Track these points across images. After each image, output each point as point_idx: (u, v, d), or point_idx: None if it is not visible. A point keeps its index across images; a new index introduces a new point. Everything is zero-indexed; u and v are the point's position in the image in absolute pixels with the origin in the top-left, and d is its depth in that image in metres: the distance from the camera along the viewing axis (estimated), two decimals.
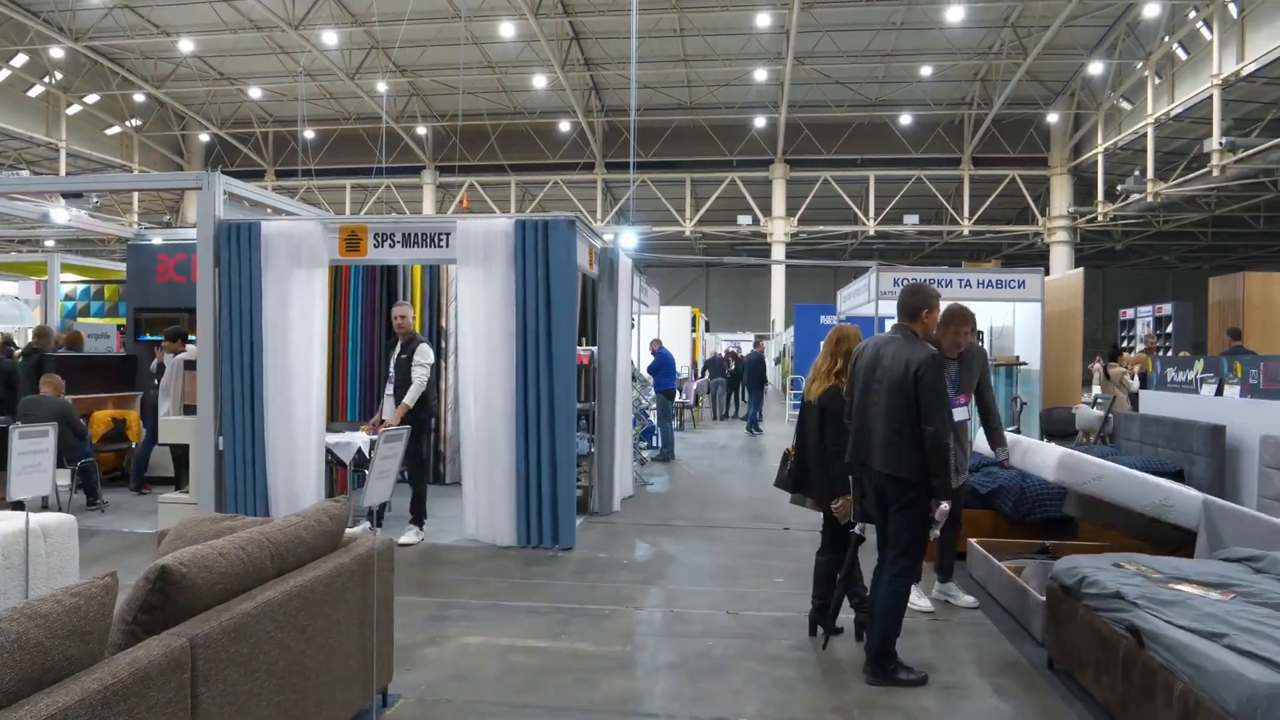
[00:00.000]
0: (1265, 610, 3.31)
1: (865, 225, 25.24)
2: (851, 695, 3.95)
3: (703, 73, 22.05)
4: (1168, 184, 19.32)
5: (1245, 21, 15.88)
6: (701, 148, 25.54)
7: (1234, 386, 6.64)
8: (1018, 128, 24.26)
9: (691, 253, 31.26)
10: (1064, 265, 23.61)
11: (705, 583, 5.89)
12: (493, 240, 6.88)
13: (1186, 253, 31.40)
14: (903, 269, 10.38)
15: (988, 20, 19.25)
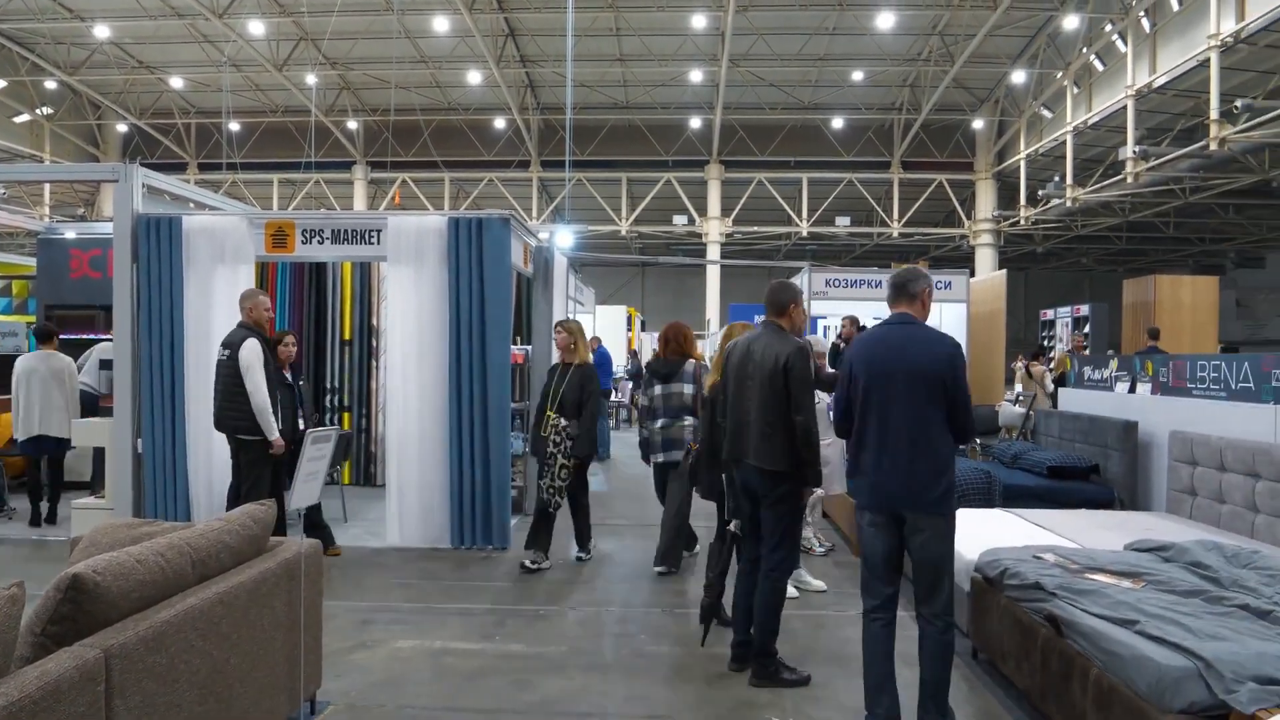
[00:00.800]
0: (1173, 597, 3.47)
1: (799, 226, 25.62)
2: (781, 691, 4.00)
3: (639, 73, 22.09)
4: (1085, 190, 20.09)
5: (1156, 36, 16.61)
6: (638, 147, 25.59)
7: (1146, 384, 6.94)
8: (945, 133, 24.91)
9: (627, 252, 31.28)
10: (988, 267, 24.34)
11: (642, 581, 5.91)
12: (425, 237, 6.78)
13: (1103, 256, 32.65)
14: (834, 269, 10.58)
15: (916, 28, 19.72)
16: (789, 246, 29.83)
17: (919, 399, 3.37)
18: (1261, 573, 3.78)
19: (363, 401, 9.46)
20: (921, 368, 3.38)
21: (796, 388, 3.96)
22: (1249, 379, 5.62)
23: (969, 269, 15.53)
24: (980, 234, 25.32)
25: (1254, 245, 30.12)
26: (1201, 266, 30.25)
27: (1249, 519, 5.21)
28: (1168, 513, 6.06)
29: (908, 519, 3.39)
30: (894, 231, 25.60)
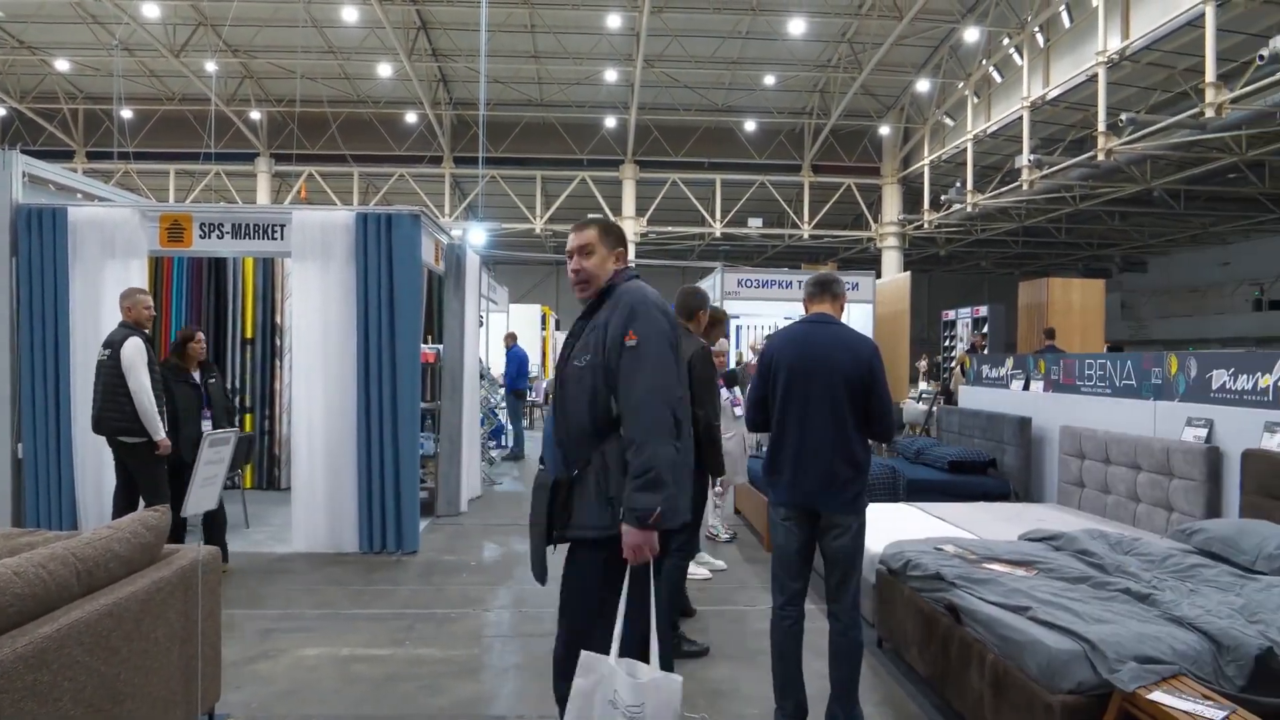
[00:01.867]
0: (1062, 584, 3.65)
1: (712, 227, 25.92)
2: (691, 687, 4.04)
3: (554, 70, 21.96)
4: (985, 195, 20.95)
5: (1050, 51, 17.45)
6: (552, 145, 25.44)
7: (1039, 382, 7.28)
8: (853, 138, 25.59)
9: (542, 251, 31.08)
10: (894, 269, 25.11)
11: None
12: (332, 233, 6.59)
13: (1000, 259, 34.09)
14: (747, 270, 10.75)
15: (826, 35, 20.19)
16: (702, 247, 30.16)
17: (840, 399, 3.40)
18: (1142, 559, 4.01)
19: (266, 402, 9.14)
20: (843, 368, 3.41)
21: (698, 385, 4.15)
22: (1131, 377, 5.95)
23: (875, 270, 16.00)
24: (886, 237, 26.10)
25: (1137, 251, 31.99)
26: (1090, 270, 31.91)
27: (1131, 508, 5.53)
28: (1059, 504, 6.37)
29: (823, 516, 3.43)
30: (804, 233, 26.16)
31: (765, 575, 5.04)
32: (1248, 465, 4.57)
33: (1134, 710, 2.72)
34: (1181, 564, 3.88)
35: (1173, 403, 5.47)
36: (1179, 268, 32.87)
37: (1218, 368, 5.14)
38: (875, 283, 10.60)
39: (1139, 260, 33.56)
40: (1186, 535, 4.27)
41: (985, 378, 8.39)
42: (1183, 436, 5.21)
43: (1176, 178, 19.49)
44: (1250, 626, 3.06)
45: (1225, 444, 4.91)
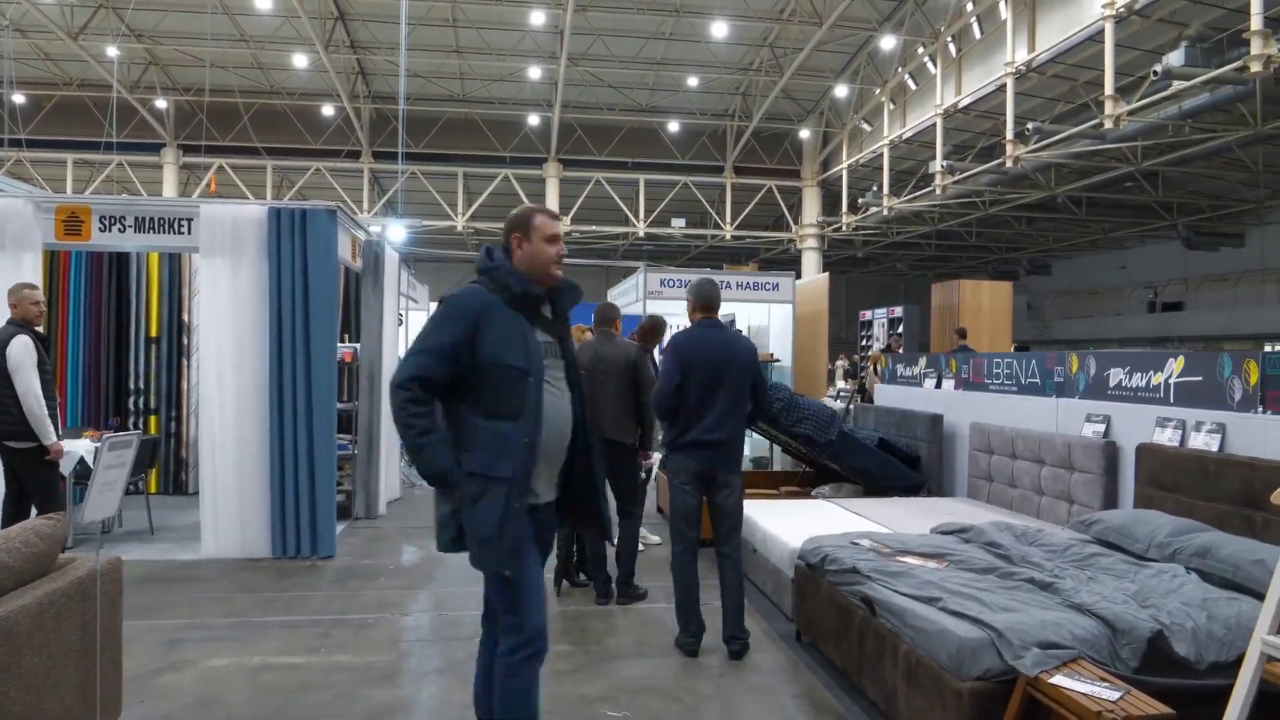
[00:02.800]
0: (971, 575, 3.78)
1: (636, 227, 26.01)
2: (617, 680, 4.05)
3: (476, 66, 21.67)
4: (900, 199, 21.56)
5: (962, 61, 18.07)
6: (475, 142, 25.11)
7: (950, 380, 7.53)
8: (775, 141, 26.01)
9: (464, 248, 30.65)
10: (813, 270, 25.62)
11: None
12: (243, 228, 6.37)
13: (915, 261, 35.12)
14: (670, 269, 10.82)
15: (748, 39, 20.47)
16: (626, 246, 30.22)
17: (742, 386, 4.43)
18: (1045, 549, 4.19)
19: (172, 403, 8.77)
20: (741, 362, 4.44)
21: (642, 379, 5.39)
22: (1036, 375, 6.21)
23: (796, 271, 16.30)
24: (806, 238, 26.61)
25: (1042, 254, 33.37)
26: (999, 273, 33.12)
27: (1035, 501, 5.76)
28: (968, 498, 6.60)
29: (719, 478, 4.41)
30: (727, 234, 26.47)
31: None
32: (1141, 458, 4.82)
33: (1037, 694, 2.84)
34: (1081, 553, 4.06)
35: (1073, 400, 5.72)
36: (1080, 271, 34.45)
37: (1114, 366, 5.40)
38: (795, 283, 10.79)
39: (1044, 263, 35.02)
40: (1086, 526, 4.47)
41: (900, 376, 8.64)
42: (1082, 432, 5.46)
43: (1078, 185, 20.42)
44: (1143, 611, 3.22)
45: (1121, 439, 5.16)
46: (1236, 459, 4.20)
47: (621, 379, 5.37)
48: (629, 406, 5.39)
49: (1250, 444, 4.25)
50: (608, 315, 5.75)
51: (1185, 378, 4.80)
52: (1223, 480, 4.20)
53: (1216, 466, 4.26)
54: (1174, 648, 3.04)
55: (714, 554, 4.48)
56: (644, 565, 5.90)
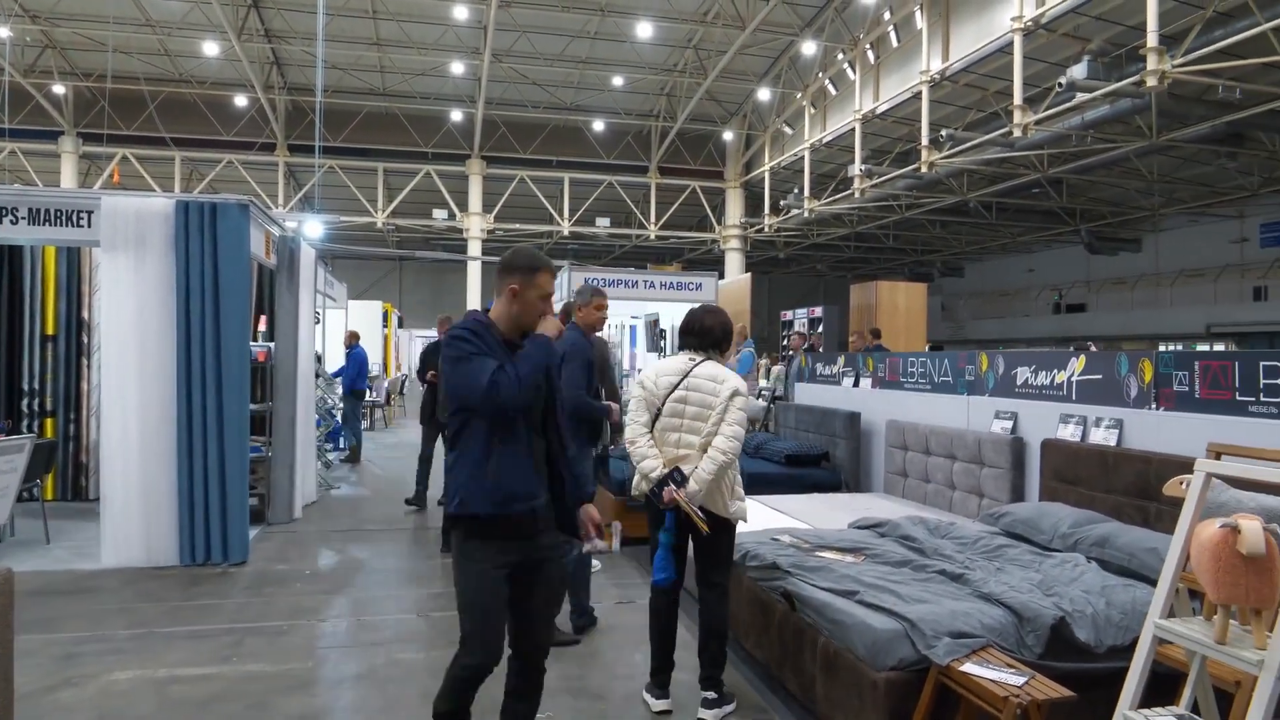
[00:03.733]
0: (887, 568, 3.88)
1: (560, 225, 25.91)
2: None
3: (397, 59, 21.25)
4: (820, 202, 22.01)
5: (880, 68, 18.55)
6: (396, 137, 24.63)
7: (867, 379, 7.71)
8: (699, 142, 26.24)
9: (384, 245, 30.05)
10: (736, 270, 25.94)
11: (396, 587, 5.70)
12: (148, 222, 6.10)
13: (835, 263, 35.92)
14: (594, 269, 10.80)
15: (673, 40, 20.60)
16: (550, 245, 30.06)
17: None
18: (956, 541, 4.33)
19: (70, 405, 8.34)
20: None
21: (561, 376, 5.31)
22: (948, 374, 6.41)
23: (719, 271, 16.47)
24: (729, 239, 26.93)
25: (955, 257, 34.54)
26: (914, 274, 34.15)
27: (948, 495, 5.95)
28: (885, 493, 6.78)
29: None
30: (651, 234, 26.59)
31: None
32: (1046, 453, 5.03)
33: (948, 681, 2.93)
34: (990, 545, 4.22)
35: (983, 397, 5.93)
36: (991, 273, 35.76)
37: (1021, 365, 5.62)
38: (718, 283, 10.90)
39: (957, 266, 36.26)
40: (995, 519, 4.64)
41: (819, 375, 8.81)
42: (991, 428, 5.66)
43: (989, 190, 21.19)
44: (1046, 599, 3.36)
45: (1028, 434, 5.37)
46: (1133, 453, 4.42)
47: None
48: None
49: (1145, 438, 4.48)
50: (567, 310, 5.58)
51: (1086, 376, 5.03)
52: (1120, 473, 4.41)
53: (1115, 460, 4.47)
54: (1075, 634, 3.18)
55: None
56: None
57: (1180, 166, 20.16)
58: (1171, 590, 2.68)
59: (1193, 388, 4.27)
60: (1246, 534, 2.34)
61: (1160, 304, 27.76)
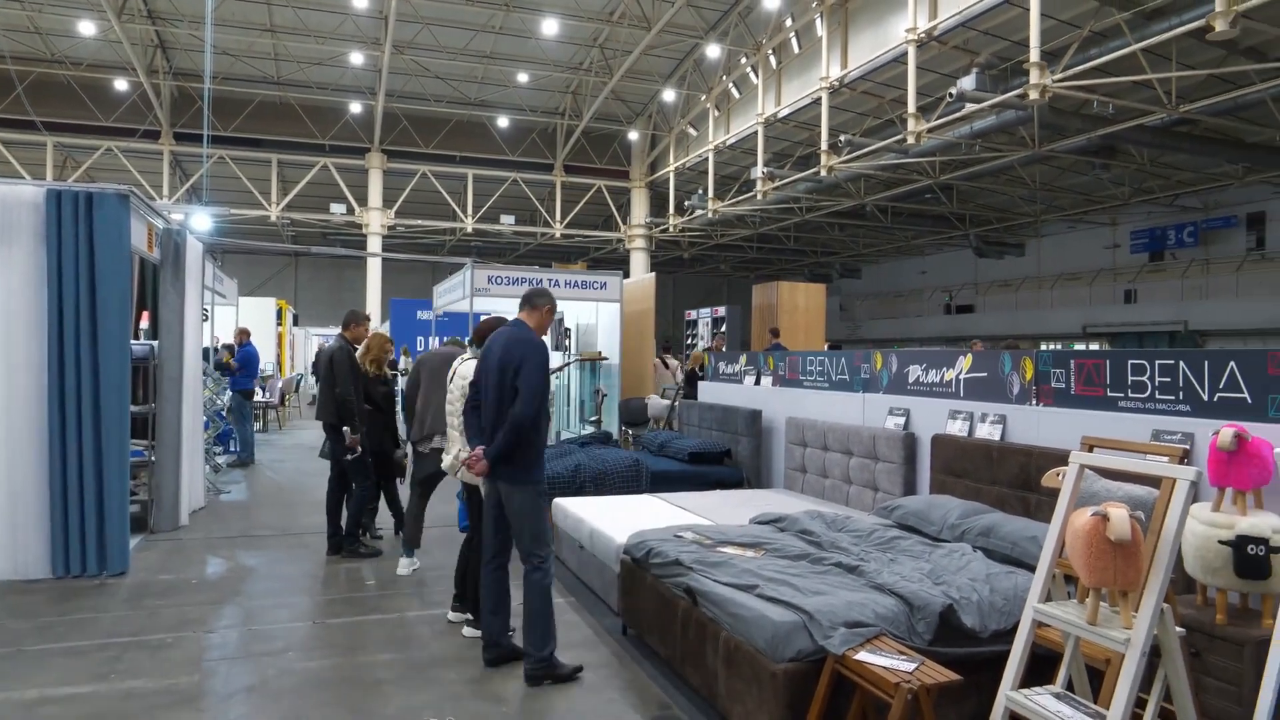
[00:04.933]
0: (785, 562, 3.97)
1: (463, 222, 25.52)
2: (442, 686, 3.95)
3: (292, 47, 20.48)
4: (724, 203, 22.35)
5: (781, 73, 18.96)
6: (291, 127, 23.76)
7: (768, 377, 7.87)
8: (604, 141, 26.26)
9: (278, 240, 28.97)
10: (641, 270, 26.09)
11: (289, 595, 5.50)
12: (15, 211, 5.71)
13: (738, 263, 36.54)
14: (498, 267, 10.67)
15: (579, 38, 20.55)
16: (454, 242, 29.59)
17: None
18: (852, 534, 4.46)
19: None
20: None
21: (339, 373, 6.26)
22: (845, 372, 6.61)
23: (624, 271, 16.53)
24: (635, 239, 27.06)
25: (853, 259, 35.64)
26: (814, 275, 35.08)
27: (845, 490, 6.13)
28: (785, 488, 6.93)
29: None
30: (556, 232, 26.47)
31: None
32: (936, 448, 5.24)
33: (844, 670, 3.02)
34: (884, 537, 4.37)
35: (878, 395, 6.14)
36: (886, 275, 37.06)
37: (913, 364, 5.84)
38: (623, 282, 10.93)
39: (855, 267, 37.42)
40: (888, 512, 4.81)
41: (721, 373, 8.94)
42: (885, 424, 5.87)
43: (885, 195, 21.95)
44: (936, 588, 3.50)
45: (919, 430, 5.59)
46: (1015, 446, 4.65)
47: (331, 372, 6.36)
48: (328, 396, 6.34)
49: (1026, 433, 4.72)
50: (349, 320, 6.85)
51: (973, 374, 5.27)
52: (1004, 466, 4.64)
53: (999, 454, 4.70)
54: (962, 620, 3.32)
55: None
56: None
57: (1059, 176, 21.35)
58: (1048, 576, 2.83)
59: (1069, 385, 4.52)
60: (1115, 521, 2.49)
61: (1042, 305, 29.33)
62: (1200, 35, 10.61)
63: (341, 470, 6.53)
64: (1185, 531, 3.29)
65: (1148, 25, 12.42)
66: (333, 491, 6.59)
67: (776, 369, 7.74)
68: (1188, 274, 24.76)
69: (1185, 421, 3.84)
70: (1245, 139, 16.84)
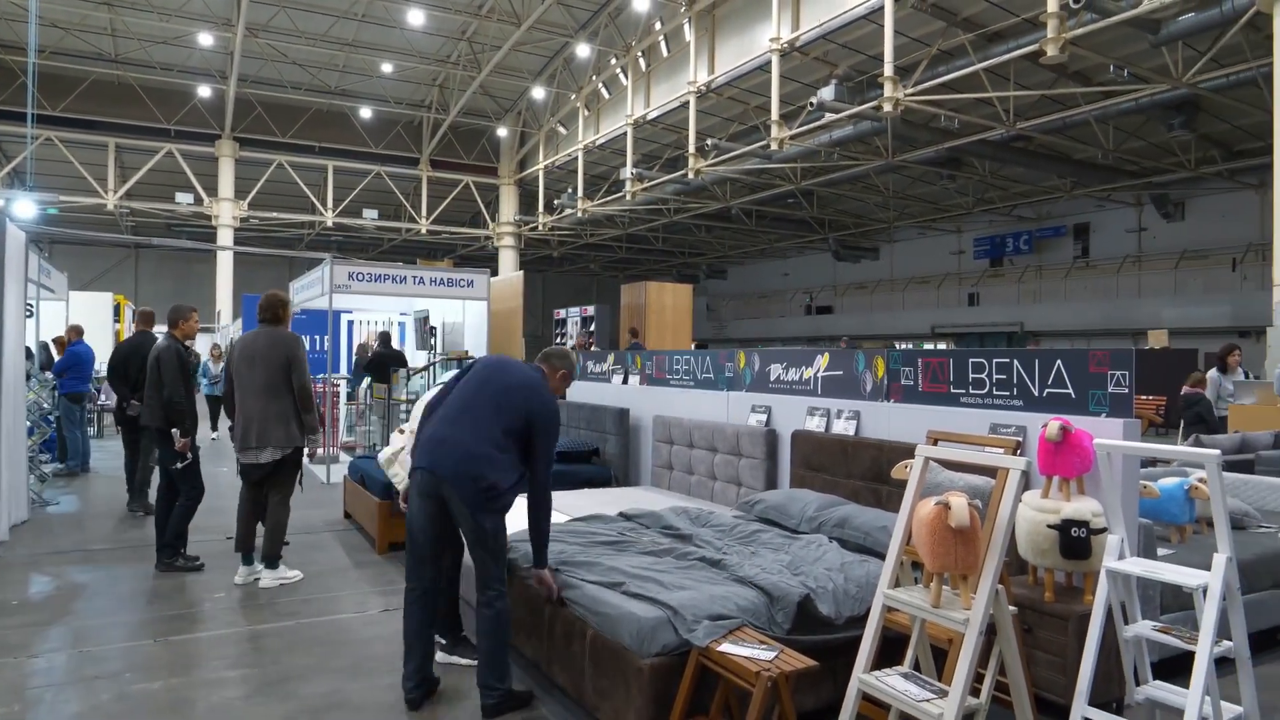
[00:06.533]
0: (651, 558, 4.01)
1: (323, 216, 24.52)
2: (299, 699, 3.78)
3: (132, 23, 19.07)
4: (593, 203, 22.42)
5: (651, 75, 19.20)
6: (131, 110, 22.13)
7: (635, 376, 7.95)
8: (472, 136, 25.83)
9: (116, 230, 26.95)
10: (510, 268, 25.84)
11: (127, 612, 5.11)
12: None
13: (607, 263, 36.76)
14: (360, 263, 10.31)
15: (446, 30, 20.12)
16: (312, 236, 28.37)
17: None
18: (715, 529, 4.56)
19: None
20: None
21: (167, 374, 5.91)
22: (710, 370, 6.75)
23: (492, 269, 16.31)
24: (503, 236, 26.76)
25: (720, 260, 36.53)
26: (682, 275, 35.73)
27: (710, 486, 6.26)
28: (652, 485, 7.02)
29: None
30: (422, 228, 25.85)
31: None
32: (795, 444, 5.43)
33: (707, 662, 3.08)
34: (746, 530, 4.48)
35: (742, 393, 6.30)
36: (751, 276, 38.17)
37: (774, 363, 6.03)
38: (490, 281, 10.77)
39: (721, 269, 38.35)
40: (750, 506, 4.94)
41: (590, 373, 8.96)
42: (748, 421, 6.03)
43: (749, 199, 22.60)
44: (794, 579, 3.62)
45: (780, 426, 5.77)
46: (868, 441, 4.88)
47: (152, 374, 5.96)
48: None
49: (878, 428, 4.96)
50: (170, 317, 6.21)
51: (830, 372, 5.49)
52: (858, 460, 4.86)
53: (853, 448, 4.92)
54: (818, 608, 3.45)
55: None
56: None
57: (910, 185, 22.60)
58: (896, 563, 2.98)
59: (917, 382, 4.78)
60: (955, 510, 2.65)
61: (895, 307, 30.96)
62: (1035, 59, 11.48)
63: (168, 478, 6.09)
64: (1018, 517, 3.55)
65: (989, 47, 13.33)
66: (161, 500, 6.15)
67: (644, 368, 7.82)
68: (1023, 279, 26.73)
69: (1019, 415, 4.13)
70: (1072, 155, 18.35)
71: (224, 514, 7.13)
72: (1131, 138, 17.24)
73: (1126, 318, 22.63)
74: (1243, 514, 4.85)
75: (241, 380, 5.51)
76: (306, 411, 5.52)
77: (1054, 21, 10.47)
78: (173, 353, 5.95)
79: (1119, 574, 3.06)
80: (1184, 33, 11.38)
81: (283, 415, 5.46)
